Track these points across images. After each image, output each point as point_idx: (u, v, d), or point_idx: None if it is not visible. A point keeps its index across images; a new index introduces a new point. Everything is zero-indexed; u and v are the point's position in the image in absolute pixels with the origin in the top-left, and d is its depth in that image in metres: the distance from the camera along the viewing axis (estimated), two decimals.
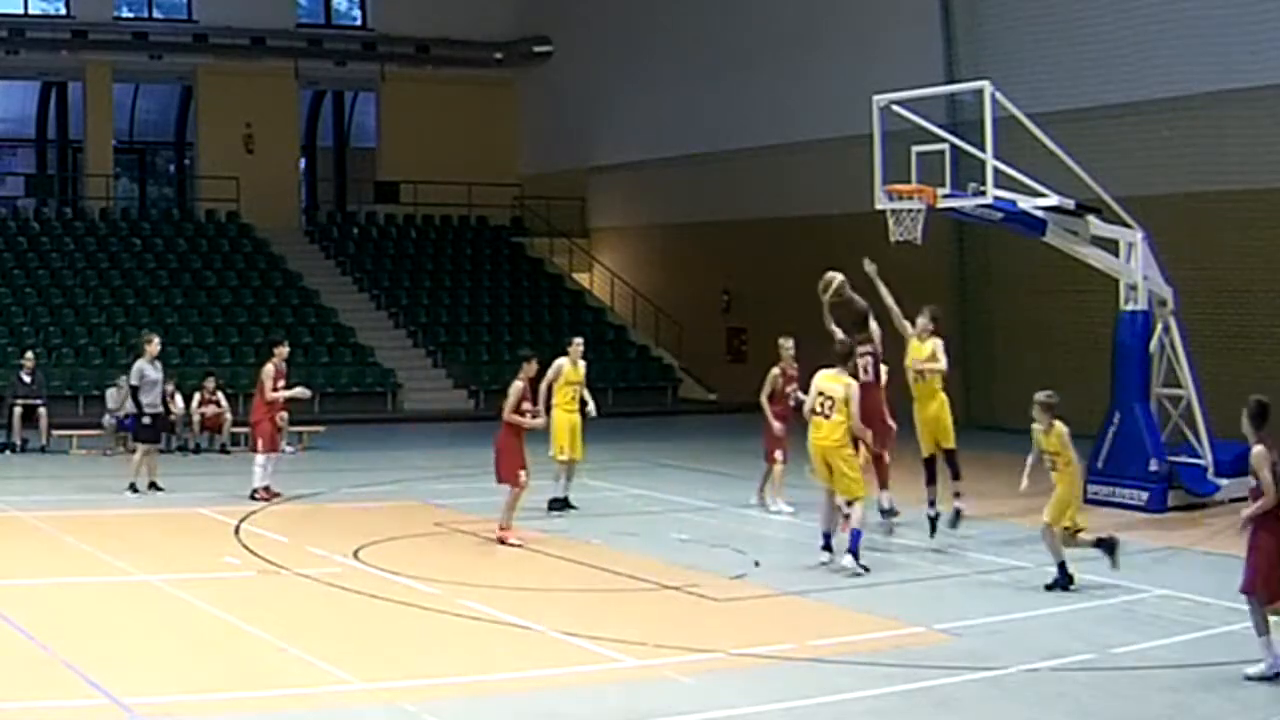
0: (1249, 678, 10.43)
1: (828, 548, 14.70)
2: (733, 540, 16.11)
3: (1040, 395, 13.84)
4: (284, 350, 20.33)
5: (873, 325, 16.17)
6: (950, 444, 16.64)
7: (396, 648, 11.57)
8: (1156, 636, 11.97)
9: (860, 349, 15.65)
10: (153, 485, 19.90)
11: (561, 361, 18.57)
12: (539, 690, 10.36)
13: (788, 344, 18.97)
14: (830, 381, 14.64)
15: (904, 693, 10.29)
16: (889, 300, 16.60)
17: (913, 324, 16.68)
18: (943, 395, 16.66)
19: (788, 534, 17.35)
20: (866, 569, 14.36)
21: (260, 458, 19.57)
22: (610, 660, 11.15)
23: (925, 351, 16.56)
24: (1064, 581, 13.66)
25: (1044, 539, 13.85)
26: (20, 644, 11.34)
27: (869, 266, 16.72)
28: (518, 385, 16.19)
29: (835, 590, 13.91)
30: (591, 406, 18.87)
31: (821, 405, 14.55)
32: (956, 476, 16.58)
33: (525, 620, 12.28)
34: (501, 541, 15.90)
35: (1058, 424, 13.74)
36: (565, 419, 18.41)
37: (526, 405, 16.19)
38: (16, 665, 10.67)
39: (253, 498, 19.20)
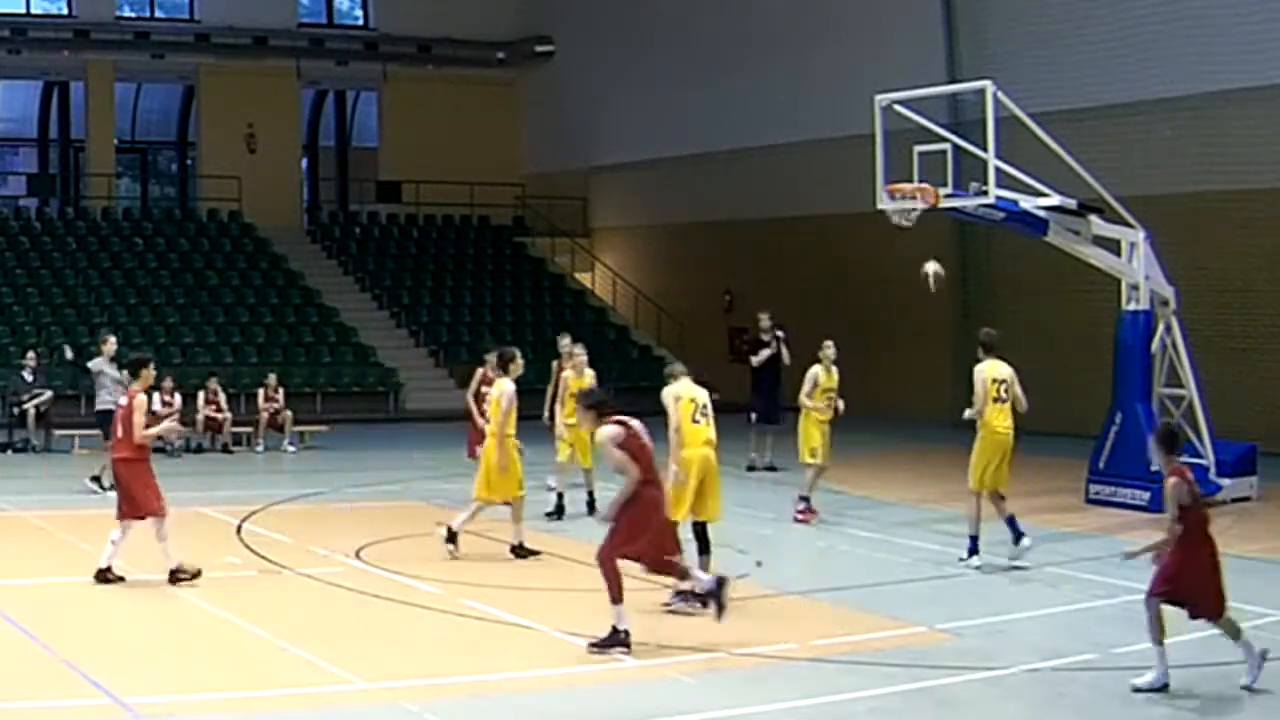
0: (1136, 689, 10.16)
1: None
2: (735, 540, 16.08)
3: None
4: (150, 374, 14.22)
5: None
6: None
7: (398, 647, 11.57)
8: None
9: None
10: (94, 479, 19.37)
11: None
12: (539, 690, 10.36)
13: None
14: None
15: (905, 692, 10.29)
16: None
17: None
18: None
19: (789, 535, 17.36)
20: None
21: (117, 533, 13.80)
22: (611, 660, 11.14)
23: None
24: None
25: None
26: (21, 644, 11.34)
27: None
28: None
29: (837, 590, 13.93)
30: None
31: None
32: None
33: (526, 620, 12.28)
34: None
35: None
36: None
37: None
38: (17, 665, 10.67)
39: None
